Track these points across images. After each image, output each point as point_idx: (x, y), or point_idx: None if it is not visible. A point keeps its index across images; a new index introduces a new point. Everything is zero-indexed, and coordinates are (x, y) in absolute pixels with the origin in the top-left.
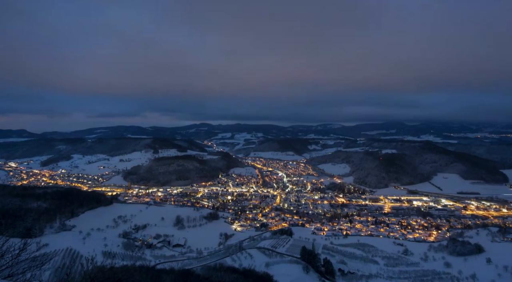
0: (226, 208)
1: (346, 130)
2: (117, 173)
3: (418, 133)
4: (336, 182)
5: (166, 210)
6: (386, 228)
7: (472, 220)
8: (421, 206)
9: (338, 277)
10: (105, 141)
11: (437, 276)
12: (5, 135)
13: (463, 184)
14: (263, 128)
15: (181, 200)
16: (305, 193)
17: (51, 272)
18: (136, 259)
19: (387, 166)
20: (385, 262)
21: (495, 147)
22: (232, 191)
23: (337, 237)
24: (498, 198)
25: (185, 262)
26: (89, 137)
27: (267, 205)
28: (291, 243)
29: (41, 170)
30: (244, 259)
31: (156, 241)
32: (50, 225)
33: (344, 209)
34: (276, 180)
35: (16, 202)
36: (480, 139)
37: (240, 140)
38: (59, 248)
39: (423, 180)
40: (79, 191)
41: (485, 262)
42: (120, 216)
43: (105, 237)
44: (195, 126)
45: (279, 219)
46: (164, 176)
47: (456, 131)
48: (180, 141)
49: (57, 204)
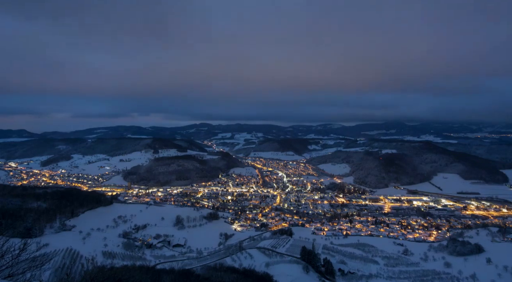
0: (226, 208)
1: (346, 130)
2: (117, 173)
3: (418, 133)
4: (336, 182)
5: (166, 210)
6: (386, 228)
7: (472, 220)
8: (421, 206)
9: (338, 277)
10: (105, 140)
11: (437, 276)
12: (5, 135)
13: (463, 184)
14: (263, 128)
15: (181, 200)
16: (305, 193)
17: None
18: (136, 259)
19: (387, 166)
20: (385, 262)
21: (495, 146)
22: (232, 191)
23: (337, 237)
24: (498, 198)
25: (185, 262)
26: (89, 137)
27: (267, 205)
28: (291, 243)
29: (41, 170)
30: (244, 259)
31: (156, 241)
32: (50, 225)
33: (344, 209)
34: (276, 180)
35: (16, 202)
36: (480, 139)
37: (240, 140)
38: (59, 248)
39: (423, 180)
40: (79, 191)
41: (485, 262)
42: (120, 216)
43: (105, 237)
44: (195, 126)
45: (279, 219)
46: (164, 176)
47: (456, 131)
48: (180, 141)
49: (57, 204)
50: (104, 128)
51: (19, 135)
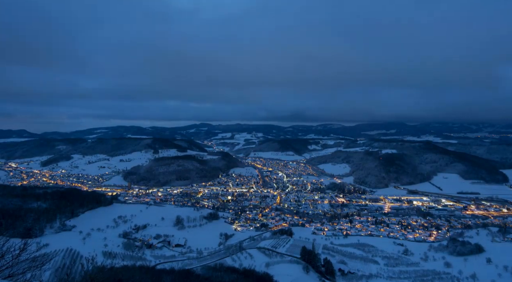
0: (226, 208)
1: (346, 130)
2: (117, 173)
3: (418, 133)
4: (336, 182)
5: (166, 210)
6: (386, 228)
7: (472, 220)
8: (421, 206)
9: (338, 277)
10: (105, 141)
11: (437, 276)
12: (5, 136)
13: (463, 184)
14: (263, 128)
15: (181, 200)
16: (305, 193)
17: (51, 272)
18: (136, 259)
19: (387, 166)
20: (385, 262)
21: (495, 146)
22: (232, 191)
23: (337, 237)
24: (498, 198)
25: (185, 262)
26: (89, 137)
27: (267, 205)
28: (291, 243)
29: (41, 170)
30: (244, 259)
31: (156, 241)
32: (50, 225)
33: (344, 209)
34: (276, 180)
35: (16, 202)
36: (480, 139)
37: (240, 140)
38: (59, 248)
39: (423, 180)
40: (79, 191)
41: (485, 262)
42: (120, 216)
43: (105, 237)
44: (195, 126)
45: (279, 219)
46: (164, 176)
47: (456, 131)
48: (180, 141)
49: (57, 204)
50: (104, 129)
51: (19, 135)
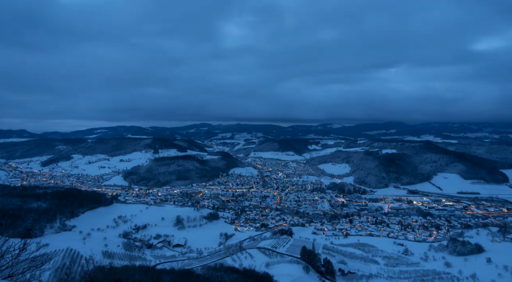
0: (226, 208)
1: (346, 130)
2: (117, 173)
3: (418, 133)
4: (336, 182)
5: (166, 210)
6: (386, 228)
7: (472, 220)
8: (421, 206)
9: (338, 277)
10: (105, 141)
11: (437, 276)
12: (5, 136)
13: (463, 184)
14: (263, 128)
15: (181, 200)
16: (305, 193)
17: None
18: (136, 259)
19: (387, 166)
20: (385, 262)
21: (495, 146)
22: (232, 191)
23: (337, 237)
24: (498, 198)
25: (185, 262)
26: (89, 137)
27: (267, 205)
28: (291, 243)
29: (41, 170)
30: (244, 259)
31: (156, 241)
32: (50, 225)
33: (344, 209)
34: (276, 180)
35: (16, 202)
36: (480, 139)
37: (240, 140)
38: (59, 248)
39: (423, 179)
40: (79, 191)
41: (485, 262)
42: (120, 216)
43: (105, 237)
44: (195, 126)
45: (279, 219)
46: (164, 176)
47: (456, 131)
48: (180, 141)
49: (57, 204)
50: (104, 129)
51: (19, 135)
